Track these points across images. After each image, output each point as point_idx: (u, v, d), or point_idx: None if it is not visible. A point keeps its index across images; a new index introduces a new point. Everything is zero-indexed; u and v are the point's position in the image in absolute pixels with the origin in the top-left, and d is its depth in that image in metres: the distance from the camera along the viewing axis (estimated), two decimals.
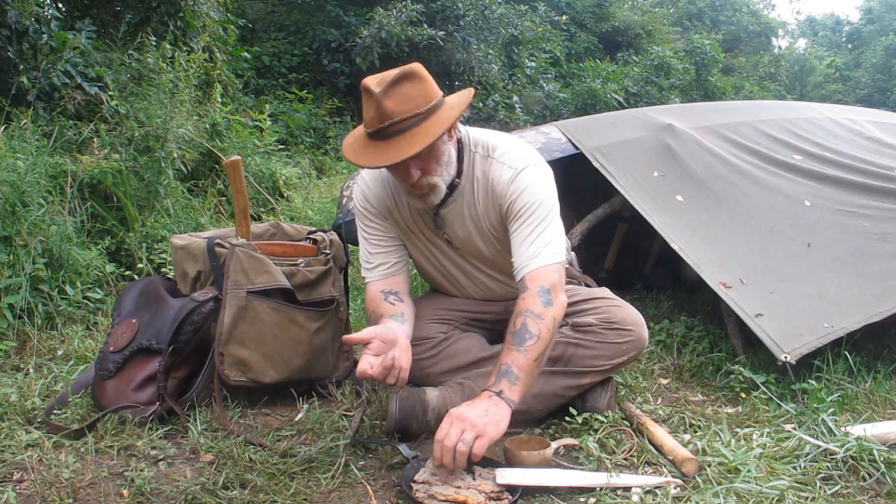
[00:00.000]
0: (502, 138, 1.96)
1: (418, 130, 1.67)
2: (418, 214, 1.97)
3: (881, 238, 2.51)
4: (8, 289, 2.64)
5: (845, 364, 2.22)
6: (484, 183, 1.89)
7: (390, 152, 1.67)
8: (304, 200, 5.31)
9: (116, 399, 1.96)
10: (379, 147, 1.69)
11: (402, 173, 1.77)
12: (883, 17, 29.06)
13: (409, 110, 1.66)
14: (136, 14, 5.24)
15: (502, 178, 1.85)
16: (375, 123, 1.68)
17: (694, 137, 3.01)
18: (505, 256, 1.92)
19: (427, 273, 2.14)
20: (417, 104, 1.68)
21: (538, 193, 1.83)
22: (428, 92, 1.71)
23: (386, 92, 1.66)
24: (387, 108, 1.65)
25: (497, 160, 1.87)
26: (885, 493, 1.60)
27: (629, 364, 2.10)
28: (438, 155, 1.78)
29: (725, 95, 14.21)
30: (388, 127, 1.67)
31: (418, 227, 2.01)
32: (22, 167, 3.01)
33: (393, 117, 1.65)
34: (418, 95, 1.69)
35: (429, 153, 1.74)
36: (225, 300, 2.04)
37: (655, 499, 1.54)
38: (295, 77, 8.88)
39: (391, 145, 1.67)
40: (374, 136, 1.70)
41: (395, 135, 1.67)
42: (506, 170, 1.85)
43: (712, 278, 2.34)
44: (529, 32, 11.29)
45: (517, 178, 1.83)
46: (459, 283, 2.10)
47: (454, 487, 1.55)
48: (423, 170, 1.76)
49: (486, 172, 1.88)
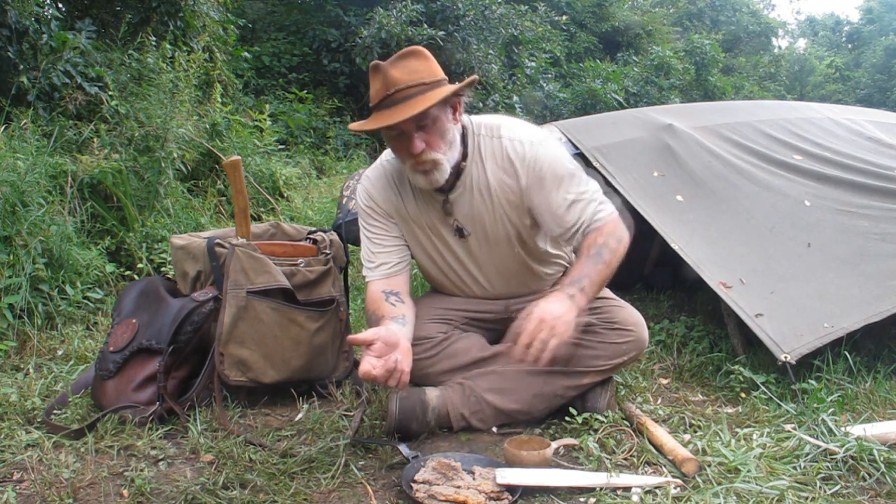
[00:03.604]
0: (503, 119, 2.01)
1: (423, 97, 1.75)
2: (426, 206, 1.98)
3: (881, 238, 2.51)
4: (8, 289, 2.64)
5: (845, 364, 2.23)
6: (495, 161, 1.92)
7: (396, 114, 1.74)
8: (304, 200, 5.30)
9: (116, 399, 1.96)
10: (385, 113, 1.77)
11: (407, 146, 1.80)
12: (883, 17, 29.05)
13: (414, 80, 1.76)
14: (136, 14, 5.23)
15: (517, 154, 1.90)
16: (382, 92, 1.76)
17: (694, 137, 3.02)
18: (519, 235, 1.96)
19: (429, 272, 2.14)
20: (423, 76, 1.77)
21: (561, 161, 1.90)
22: (432, 69, 1.81)
23: (393, 63, 1.77)
24: (393, 76, 1.74)
25: (506, 138, 1.92)
26: (885, 493, 1.60)
27: (629, 364, 2.10)
28: (443, 131, 1.82)
29: (725, 95, 14.20)
30: (394, 94, 1.75)
31: (425, 222, 2.01)
32: (22, 167, 3.01)
33: (398, 84, 1.74)
34: (424, 69, 1.79)
35: (433, 126, 1.80)
36: (225, 300, 2.04)
37: (655, 499, 1.55)
38: (295, 77, 8.88)
39: (396, 109, 1.75)
40: (379, 105, 1.78)
41: (400, 101, 1.75)
42: (517, 145, 1.91)
43: (712, 278, 2.34)
44: (529, 32, 11.28)
45: (534, 151, 1.89)
46: (462, 281, 2.10)
47: (454, 487, 1.56)
48: (428, 143, 1.80)
49: (496, 151, 1.92)
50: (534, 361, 1.66)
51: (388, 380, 1.66)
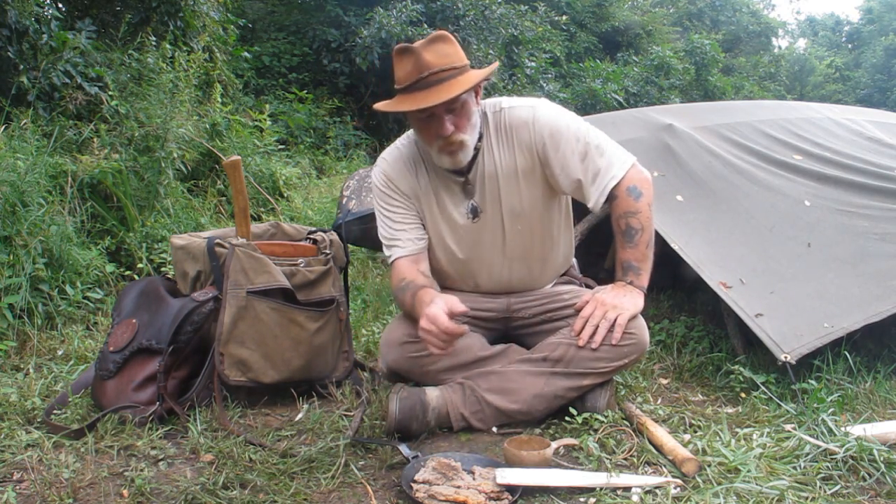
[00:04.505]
0: (502, 97, 2.08)
1: (455, 81, 1.80)
2: (441, 190, 2.02)
3: (881, 238, 2.51)
4: (8, 289, 2.64)
5: (845, 364, 2.22)
6: (502, 132, 1.98)
7: (432, 97, 1.78)
8: (304, 200, 5.30)
9: (116, 399, 1.96)
10: (418, 96, 1.80)
11: (436, 128, 1.85)
12: (883, 17, 29.03)
13: (447, 63, 1.81)
14: (136, 14, 5.23)
15: (522, 120, 1.97)
16: (414, 75, 1.80)
17: (694, 137, 3.02)
18: (534, 206, 2.00)
19: (438, 262, 2.12)
20: (453, 60, 1.83)
21: (565, 118, 1.97)
22: (460, 54, 1.87)
23: (425, 47, 1.81)
24: (426, 59, 1.79)
25: (507, 109, 1.99)
26: (885, 493, 1.60)
27: (630, 367, 2.10)
28: (470, 113, 1.89)
29: (725, 95, 14.19)
30: (428, 77, 1.79)
31: (437, 207, 2.04)
32: (22, 167, 3.01)
33: (432, 67, 1.79)
34: (454, 53, 1.85)
35: (462, 109, 1.86)
36: (225, 300, 2.04)
37: (655, 499, 1.54)
38: (295, 77, 8.87)
39: (431, 92, 1.79)
40: (411, 88, 1.82)
41: (434, 84, 1.79)
42: (521, 111, 1.98)
43: (712, 278, 2.34)
44: (529, 32, 11.26)
45: (537, 113, 1.96)
46: (467, 270, 2.10)
47: (454, 487, 1.55)
48: (456, 126, 1.86)
49: (500, 123, 1.99)
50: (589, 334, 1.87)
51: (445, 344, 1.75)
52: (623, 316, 1.89)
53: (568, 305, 2.07)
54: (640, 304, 1.93)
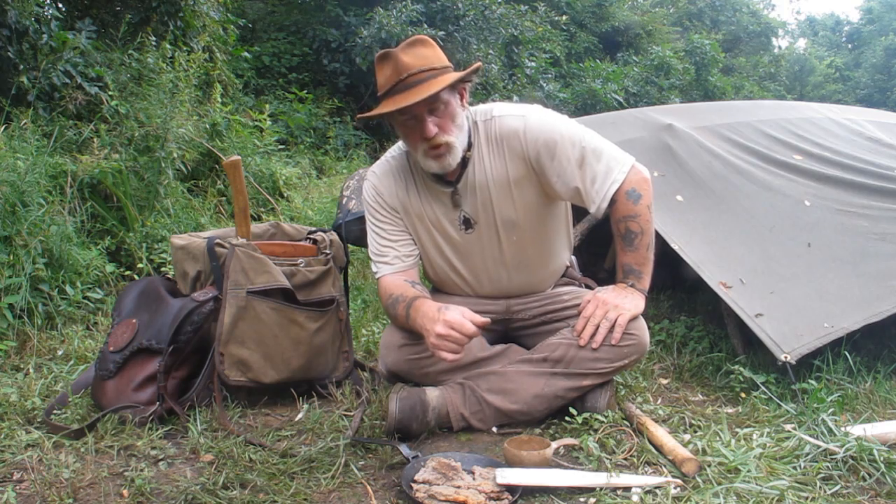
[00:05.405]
0: (494, 103, 2.05)
1: (434, 81, 1.79)
2: (431, 202, 2.01)
3: (881, 238, 2.51)
4: (8, 289, 2.64)
5: (845, 364, 2.23)
6: (493, 141, 1.95)
7: (409, 97, 1.77)
8: (304, 200, 5.30)
9: (116, 399, 1.96)
10: (398, 98, 1.80)
11: (420, 130, 1.84)
12: (883, 17, 29.04)
13: (425, 64, 1.82)
14: (136, 14, 5.23)
15: (511, 129, 1.93)
16: (394, 78, 1.80)
17: (694, 137, 3.02)
18: (529, 216, 1.99)
19: (434, 268, 2.13)
20: (432, 61, 1.83)
21: (559, 125, 1.93)
22: (440, 55, 1.87)
23: (403, 50, 1.82)
24: (404, 61, 1.80)
25: (497, 118, 1.96)
26: (885, 493, 1.60)
27: (630, 367, 2.10)
28: (453, 115, 1.87)
29: (725, 95, 14.19)
30: (406, 78, 1.79)
31: (429, 219, 2.03)
32: (22, 167, 3.01)
33: (410, 69, 1.79)
34: (432, 55, 1.85)
35: (445, 110, 1.84)
36: (225, 300, 2.04)
37: (655, 499, 1.54)
38: (295, 77, 8.86)
39: (410, 93, 1.79)
40: (391, 91, 1.81)
41: (413, 85, 1.79)
42: (512, 120, 1.94)
43: (712, 278, 2.34)
44: (529, 32, 11.26)
45: (531, 121, 1.92)
46: (463, 279, 2.10)
47: (454, 487, 1.55)
48: (440, 127, 1.84)
49: (491, 132, 1.96)
50: (590, 334, 1.87)
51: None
52: (624, 316, 1.89)
53: (568, 306, 2.07)
54: (640, 305, 1.94)
